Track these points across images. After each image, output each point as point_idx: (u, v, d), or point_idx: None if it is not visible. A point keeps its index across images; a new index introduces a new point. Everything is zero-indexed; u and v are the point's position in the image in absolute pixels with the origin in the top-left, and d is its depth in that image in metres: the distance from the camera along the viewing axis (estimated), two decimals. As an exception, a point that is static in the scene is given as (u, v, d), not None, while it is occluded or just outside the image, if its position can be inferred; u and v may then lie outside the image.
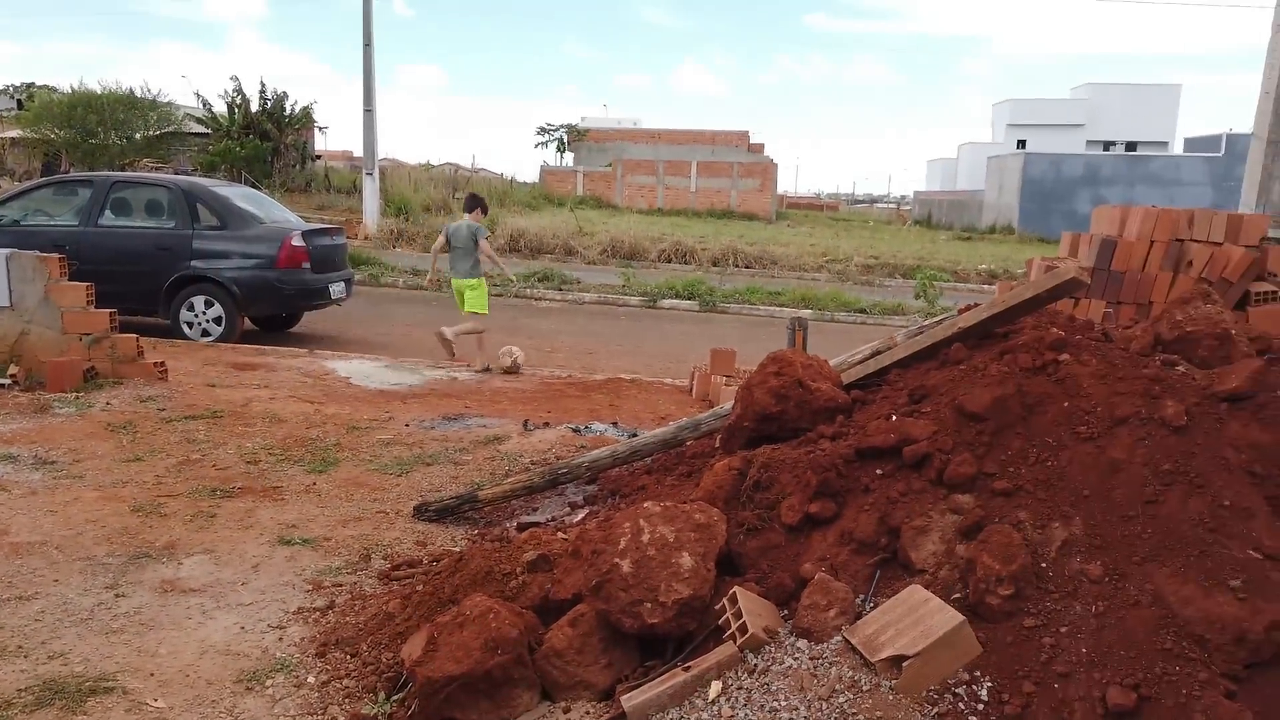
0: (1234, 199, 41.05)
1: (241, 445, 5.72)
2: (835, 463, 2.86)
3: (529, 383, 8.36)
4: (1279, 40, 7.66)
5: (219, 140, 30.53)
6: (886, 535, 2.69)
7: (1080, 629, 2.34)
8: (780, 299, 17.30)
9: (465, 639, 2.73)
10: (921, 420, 2.87)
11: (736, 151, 47.66)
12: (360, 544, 4.30)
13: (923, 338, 3.43)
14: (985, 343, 3.24)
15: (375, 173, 23.57)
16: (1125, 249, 6.86)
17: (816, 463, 2.86)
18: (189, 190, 9.59)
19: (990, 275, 25.11)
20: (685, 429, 4.30)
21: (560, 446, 6.02)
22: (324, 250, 10.06)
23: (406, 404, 7.19)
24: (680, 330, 13.86)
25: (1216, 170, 41.57)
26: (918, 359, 3.39)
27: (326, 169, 37.94)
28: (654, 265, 23.01)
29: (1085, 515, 2.56)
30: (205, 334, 9.42)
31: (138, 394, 6.65)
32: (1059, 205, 42.14)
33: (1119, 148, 51.67)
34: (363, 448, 5.83)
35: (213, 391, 6.99)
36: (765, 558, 2.82)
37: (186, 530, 4.31)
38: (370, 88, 23.10)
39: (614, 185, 44.09)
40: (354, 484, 5.15)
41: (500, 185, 38.69)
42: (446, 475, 5.38)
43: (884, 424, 2.90)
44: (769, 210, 44.03)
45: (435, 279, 9.86)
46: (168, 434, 5.84)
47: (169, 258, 9.33)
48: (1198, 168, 42.18)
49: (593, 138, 49.58)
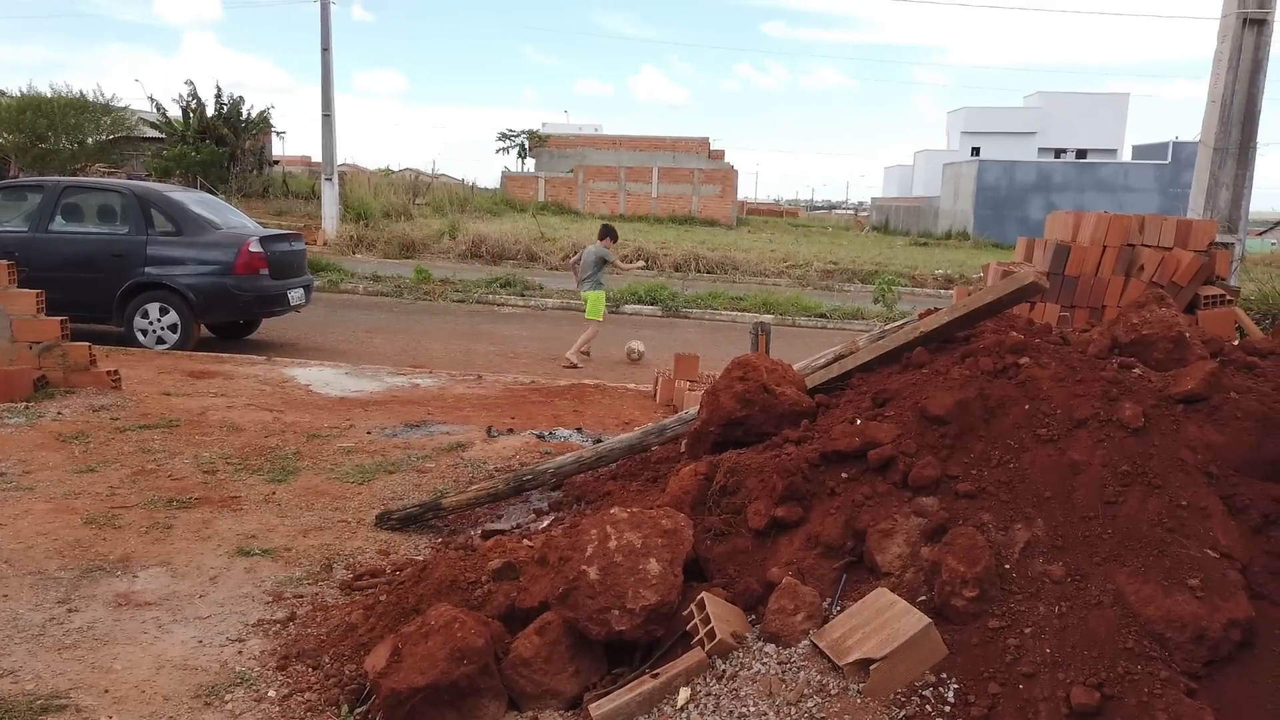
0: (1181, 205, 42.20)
1: (198, 455, 5.61)
2: (801, 467, 2.87)
3: (492, 389, 8.31)
4: (1225, 49, 7.85)
5: (174, 145, 30.05)
6: (853, 538, 2.70)
7: (1044, 629, 2.37)
8: (742, 304, 17.39)
9: (430, 649, 2.70)
10: (885, 424, 2.89)
11: (697, 158, 47.86)
12: (322, 554, 4.24)
13: (885, 342, 3.45)
14: (947, 347, 3.27)
15: (334, 178, 23.35)
16: (1079, 254, 6.98)
17: (782, 467, 2.86)
18: (142, 195, 9.41)
19: (947, 280, 25.45)
20: (651, 434, 4.29)
21: (524, 453, 5.99)
22: (282, 256, 9.92)
23: (368, 411, 7.11)
24: (643, 335, 13.84)
25: (1164, 177, 42.55)
26: (881, 363, 3.42)
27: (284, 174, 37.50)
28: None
29: (1047, 516, 2.59)
30: (160, 342, 9.24)
31: (90, 403, 6.51)
32: (1012, 211, 42.87)
33: (1070, 155, 52.64)
34: (323, 456, 5.75)
35: (168, 400, 6.86)
36: (732, 562, 2.82)
37: (142, 542, 4.22)
38: (329, 93, 22.87)
39: (576, 191, 44.06)
40: (315, 493, 5.08)
41: (461, 191, 38.45)
42: (409, 483, 5.33)
43: (849, 428, 2.92)
44: (730, 216, 44.25)
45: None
46: (122, 444, 5.72)
47: (122, 264, 9.15)
48: (1146, 174, 43.14)
49: (554, 144, 49.50)
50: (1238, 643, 2.32)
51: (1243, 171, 8.00)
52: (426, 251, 23.75)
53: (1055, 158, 51.49)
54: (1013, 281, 3.19)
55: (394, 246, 23.54)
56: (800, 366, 4.02)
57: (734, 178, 45.37)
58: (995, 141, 54.22)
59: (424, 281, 17.11)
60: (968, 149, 54.68)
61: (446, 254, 23.62)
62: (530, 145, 49.11)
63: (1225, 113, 7.90)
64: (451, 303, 16.09)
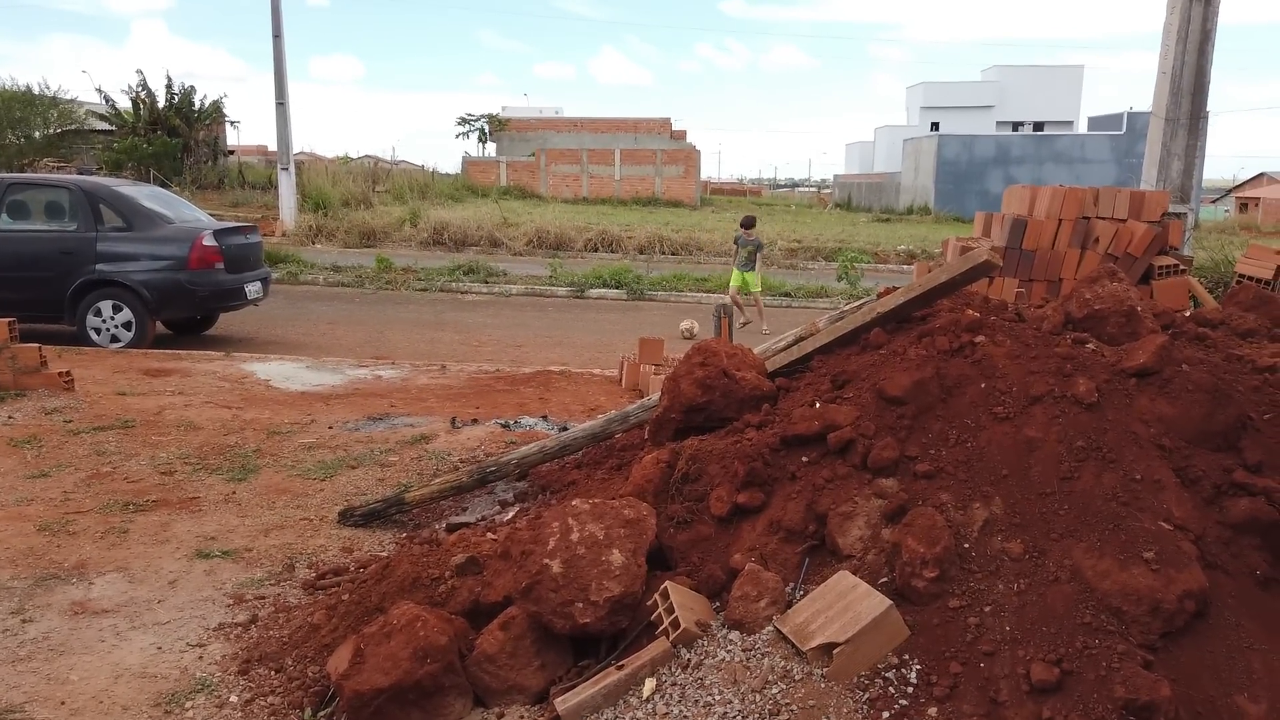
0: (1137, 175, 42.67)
1: (155, 455, 5.51)
2: (761, 452, 2.86)
3: (455, 379, 8.24)
4: (1174, 21, 7.93)
5: (124, 138, 29.46)
6: (814, 522, 2.70)
7: (1003, 607, 2.39)
8: (707, 285, 17.38)
9: (393, 649, 2.67)
10: (845, 406, 2.89)
11: (659, 139, 47.71)
12: (283, 553, 4.18)
13: (843, 324, 3.45)
14: (904, 327, 3.28)
15: (291, 168, 22.98)
16: (1035, 228, 7.04)
17: (743, 452, 2.86)
18: (91, 191, 9.20)
19: (909, 256, 25.61)
20: (614, 421, 4.27)
21: (489, 443, 5.95)
22: (238, 249, 9.76)
23: (329, 405, 7.02)
24: (609, 319, 13.83)
25: (1119, 147, 43.06)
26: (840, 344, 3.42)
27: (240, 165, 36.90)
28: (581, 255, 22.91)
29: (1005, 494, 2.61)
30: (115, 340, 9.07)
31: (42, 406, 6.37)
32: (972, 185, 43.24)
33: (1027, 128, 53.10)
34: (284, 453, 5.67)
35: (123, 400, 6.73)
36: (695, 550, 2.82)
37: (97, 548, 4.14)
38: (282, 80, 22.48)
39: (538, 175, 43.78)
40: (276, 491, 5.01)
41: (422, 177, 38.07)
42: (373, 478, 5.27)
43: (808, 411, 2.91)
44: (693, 197, 44.21)
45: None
46: (75, 447, 5.60)
47: (72, 261, 8.95)
48: (1102, 145, 43.64)
49: (515, 127, 49.11)
50: (1192, 613, 2.35)
51: (1194, 141, 8.10)
52: (388, 240, 23.49)
53: (1013, 130, 51.92)
54: (967, 260, 3.20)
55: (354, 236, 23.25)
56: (760, 350, 4.01)
57: (697, 158, 45.30)
58: (954, 116, 54.59)
59: (386, 271, 16.93)
60: (927, 124, 55.00)
61: (408, 242, 23.38)
62: (491, 129, 48.68)
63: (1175, 84, 7.99)
64: (414, 292, 15.94)
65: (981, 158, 44.30)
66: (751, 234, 12.54)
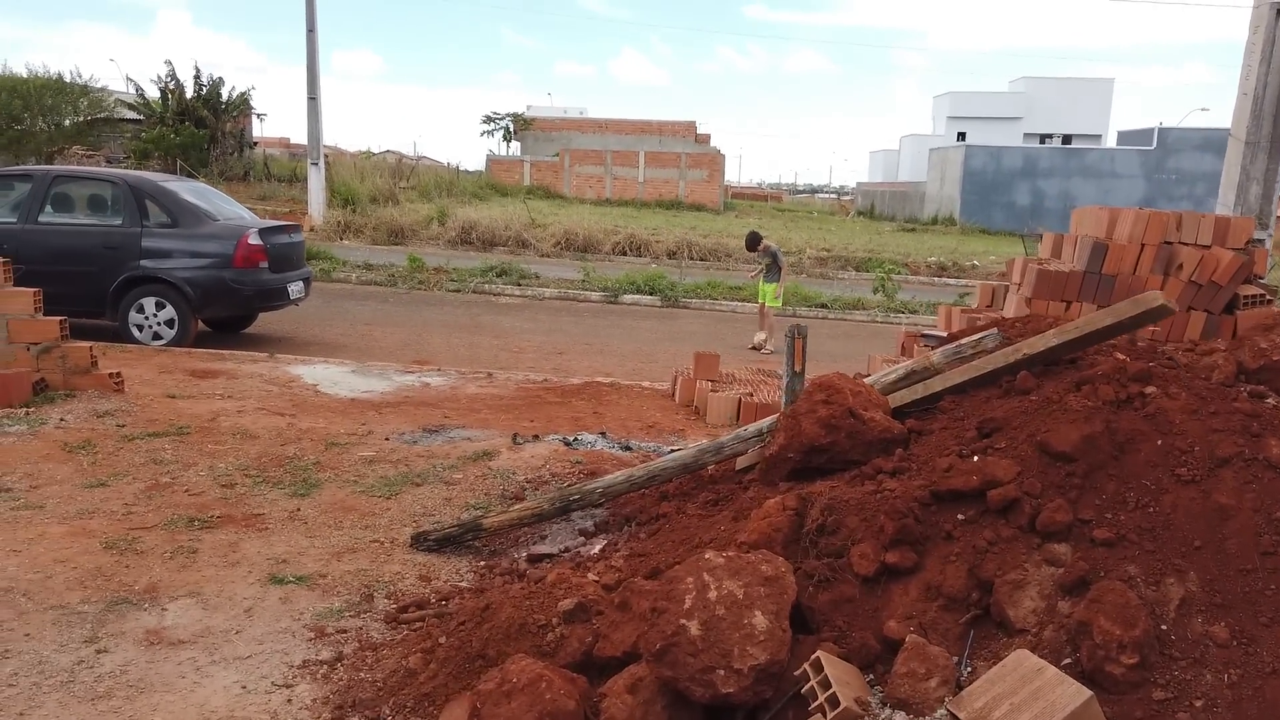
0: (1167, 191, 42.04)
1: (214, 466, 5.33)
2: (911, 507, 2.64)
3: (504, 388, 8.04)
4: (1256, 41, 7.67)
5: (152, 127, 29.38)
6: (978, 589, 2.49)
7: (1216, 702, 2.16)
8: (741, 293, 17.15)
9: (515, 711, 2.47)
10: (1002, 460, 2.67)
11: (684, 142, 47.49)
12: (359, 580, 3.98)
13: (980, 363, 3.23)
14: (1053, 370, 3.06)
15: (321, 162, 22.86)
16: (1116, 252, 6.79)
17: (892, 507, 2.64)
18: (137, 185, 9.04)
19: (940, 267, 25.35)
20: (707, 452, 4.06)
21: (554, 461, 5.74)
22: (282, 248, 9.59)
23: (382, 414, 6.83)
24: (645, 327, 13.62)
25: (1149, 163, 42.63)
26: (975, 385, 3.20)
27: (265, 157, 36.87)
28: (608, 258, 22.73)
29: (1199, 569, 2.39)
30: (157, 337, 8.91)
31: (93, 408, 6.20)
32: (999, 197, 42.87)
33: (1055, 140, 52.64)
34: (345, 466, 5.48)
35: (174, 404, 6.55)
36: (839, 613, 2.60)
37: (167, 569, 3.95)
38: (314, 75, 22.35)
39: (561, 175, 43.63)
40: (341, 509, 4.82)
41: (447, 175, 37.92)
42: (439, 497, 5.07)
43: (964, 464, 2.69)
44: (717, 201, 43.98)
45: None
46: (131, 454, 5.42)
47: (116, 257, 8.79)
48: (1131, 160, 43.18)
49: (539, 127, 48.98)
50: None
51: (1274, 166, 7.83)
52: (415, 238, 23.35)
53: (1040, 143, 51.47)
54: (1138, 303, 2.98)
55: (382, 233, 23.12)
56: (868, 382, 3.79)
57: (721, 162, 45.09)
58: (981, 126, 54.15)
59: (418, 270, 16.76)
60: (954, 134, 54.59)
61: (436, 240, 23.23)
62: (515, 128, 48.56)
63: (1257, 106, 7.73)
64: (447, 292, 15.77)
65: (1009, 169, 43.92)
66: (764, 247, 12.13)
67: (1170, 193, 42.35)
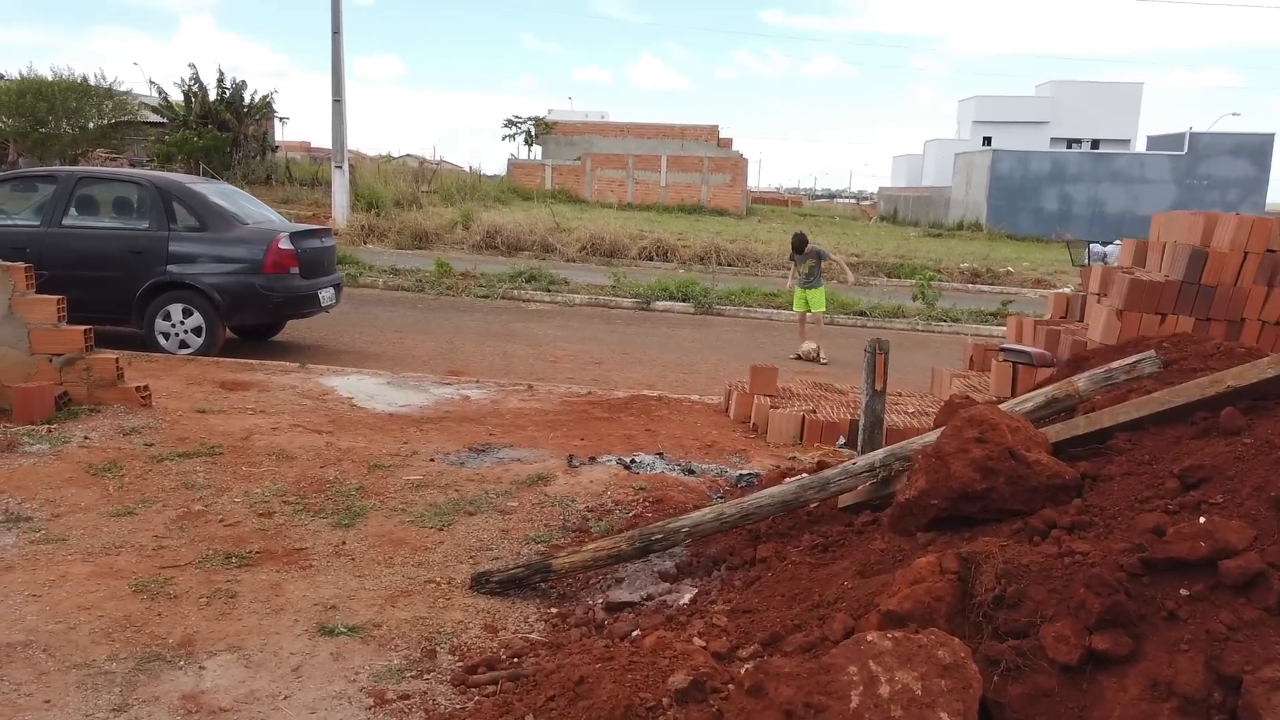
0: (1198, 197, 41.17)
1: (249, 491, 4.90)
2: (1119, 578, 2.17)
3: (549, 402, 7.60)
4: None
5: (175, 130, 29.22)
6: (1220, 687, 2.01)
7: None
8: (776, 300, 16.67)
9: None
10: (1231, 521, 2.20)
11: (706, 146, 47.06)
12: (418, 631, 3.53)
13: (1165, 395, 2.76)
14: (1261, 406, 2.59)
15: (345, 166, 22.53)
16: (1217, 261, 6.29)
17: (1094, 578, 2.17)
18: (164, 187, 8.66)
19: (973, 274, 24.78)
20: (810, 489, 3.59)
21: (615, 487, 5.29)
22: (312, 253, 9.19)
23: (424, 431, 6.40)
24: (682, 335, 13.17)
25: (1180, 168, 41.88)
26: (1155, 421, 2.73)
27: (287, 160, 36.71)
28: (635, 263, 22.30)
29: None
30: (184, 345, 8.52)
31: (119, 425, 5.79)
32: (1026, 202, 42.23)
33: (1083, 145, 51.89)
34: (390, 492, 5.05)
35: (205, 420, 6.14)
36: (1036, 710, 2.13)
37: (204, 618, 3.51)
38: (339, 77, 22.08)
39: (583, 179, 43.26)
40: (390, 542, 4.38)
41: (469, 179, 37.64)
42: (494, 528, 4.63)
43: (1186, 526, 2.22)
44: (740, 206, 43.50)
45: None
46: (160, 477, 5.00)
47: (142, 262, 8.41)
48: (1162, 165, 42.42)
49: (561, 130, 48.63)
50: None
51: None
52: (439, 242, 23.00)
53: (1068, 147, 50.74)
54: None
55: (406, 237, 22.80)
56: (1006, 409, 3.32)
57: (744, 166, 44.62)
58: (1007, 131, 53.46)
59: (445, 275, 16.37)
60: (979, 138, 53.94)
61: (460, 244, 22.87)
62: (537, 132, 48.24)
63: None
64: (476, 298, 15.36)
65: (1036, 174, 43.26)
66: (810, 249, 11.77)
67: (1202, 198, 41.64)
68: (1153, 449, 2.63)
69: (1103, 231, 35.33)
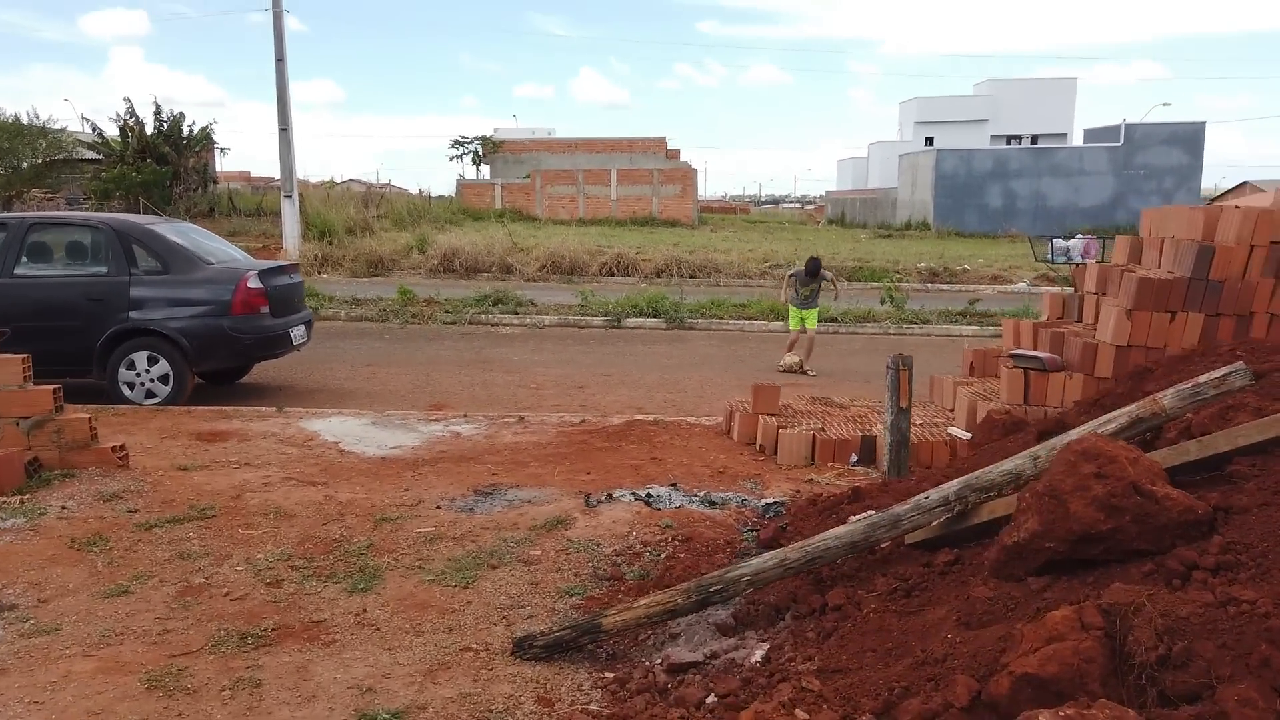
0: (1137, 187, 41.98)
1: (251, 557, 4.54)
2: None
3: (544, 434, 7.30)
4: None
5: (112, 166, 28.32)
6: None
7: None
8: (748, 311, 16.53)
9: None
10: None
11: (655, 158, 47.02)
12: (468, 711, 3.22)
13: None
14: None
15: (294, 194, 21.98)
16: (1224, 255, 6.21)
17: (1275, 631, 1.96)
18: (122, 230, 8.19)
19: (931, 273, 24.91)
20: (880, 527, 3.36)
21: (639, 527, 5.01)
22: (282, 291, 8.79)
23: (422, 475, 6.07)
24: (658, 352, 12.93)
25: (1117, 159, 42.75)
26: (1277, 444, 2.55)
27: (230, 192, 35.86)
28: (596, 279, 22.04)
29: None
30: (150, 395, 8.06)
31: (98, 490, 5.37)
32: (971, 200, 42.82)
33: (1023, 141, 52.81)
34: (402, 547, 4.72)
35: (189, 478, 5.74)
36: (1232, 786, 1.92)
37: (230, 714, 3.16)
38: (285, 105, 21.55)
39: (533, 196, 42.92)
40: (414, 605, 4.06)
41: (419, 202, 37.10)
42: (522, 581, 4.33)
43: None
44: (691, 216, 43.50)
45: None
46: (151, 547, 4.62)
47: (102, 309, 7.95)
48: (1099, 158, 43.27)
49: (508, 149, 48.24)
50: None
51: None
52: (396, 268, 22.55)
53: (1008, 144, 51.61)
54: None
55: (361, 264, 22.31)
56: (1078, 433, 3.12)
57: (693, 177, 44.67)
58: (948, 131, 54.23)
59: (409, 303, 15.97)
60: (921, 139, 54.62)
61: (417, 269, 22.43)
62: (484, 151, 47.79)
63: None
64: (443, 325, 14.97)
65: (980, 172, 43.92)
66: (822, 273, 11.65)
67: (1140, 188, 42.57)
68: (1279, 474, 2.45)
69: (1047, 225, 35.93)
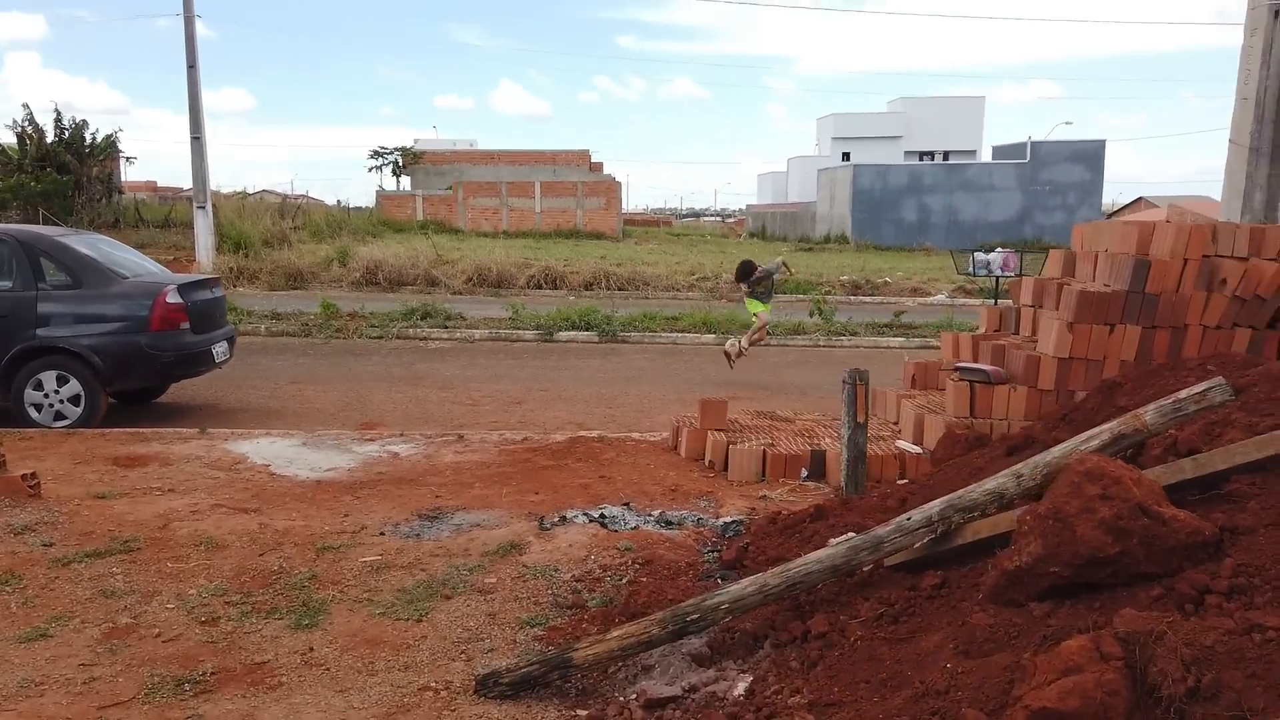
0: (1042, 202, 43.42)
1: (182, 593, 4.22)
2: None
3: (486, 452, 7.05)
4: (1255, 44, 7.44)
5: (9, 175, 26.95)
6: None
7: None
8: (679, 324, 16.52)
9: None
10: None
11: (579, 171, 46.92)
12: (435, 758, 3.00)
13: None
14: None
15: (208, 205, 21.18)
16: (1160, 269, 6.33)
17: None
18: (28, 242, 7.67)
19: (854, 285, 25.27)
20: (862, 550, 3.25)
21: (597, 550, 4.83)
22: (203, 305, 8.36)
23: (361, 499, 5.78)
24: (593, 366, 12.75)
25: (1024, 175, 44.27)
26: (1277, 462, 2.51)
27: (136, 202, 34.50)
28: (524, 292, 21.75)
29: None
30: (60, 417, 7.56)
31: (7, 522, 4.94)
32: (887, 214, 43.84)
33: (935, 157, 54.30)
34: (348, 578, 4.44)
35: (108, 507, 5.34)
36: (1280, 823, 1.84)
37: (171, 772, 2.88)
38: (197, 112, 20.79)
39: (456, 208, 42.36)
40: (365, 642, 3.80)
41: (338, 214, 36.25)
42: (479, 612, 4.10)
43: None
44: (615, 228, 43.50)
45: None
46: (71, 585, 4.25)
47: (7, 326, 7.42)
48: (1008, 174, 44.75)
49: (429, 160, 47.57)
50: None
51: (1277, 170, 7.60)
52: (315, 281, 21.90)
53: (920, 160, 53.00)
54: None
55: (279, 277, 21.62)
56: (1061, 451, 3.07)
57: (618, 189, 44.73)
58: (864, 146, 55.47)
59: (333, 317, 15.49)
60: (839, 154, 55.71)
61: (338, 282, 21.82)
62: (404, 162, 47.00)
63: (1260, 110, 7.48)
64: (370, 340, 14.54)
65: (895, 187, 45.02)
66: (759, 273, 11.67)
67: (1045, 203, 44.15)
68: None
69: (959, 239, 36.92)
